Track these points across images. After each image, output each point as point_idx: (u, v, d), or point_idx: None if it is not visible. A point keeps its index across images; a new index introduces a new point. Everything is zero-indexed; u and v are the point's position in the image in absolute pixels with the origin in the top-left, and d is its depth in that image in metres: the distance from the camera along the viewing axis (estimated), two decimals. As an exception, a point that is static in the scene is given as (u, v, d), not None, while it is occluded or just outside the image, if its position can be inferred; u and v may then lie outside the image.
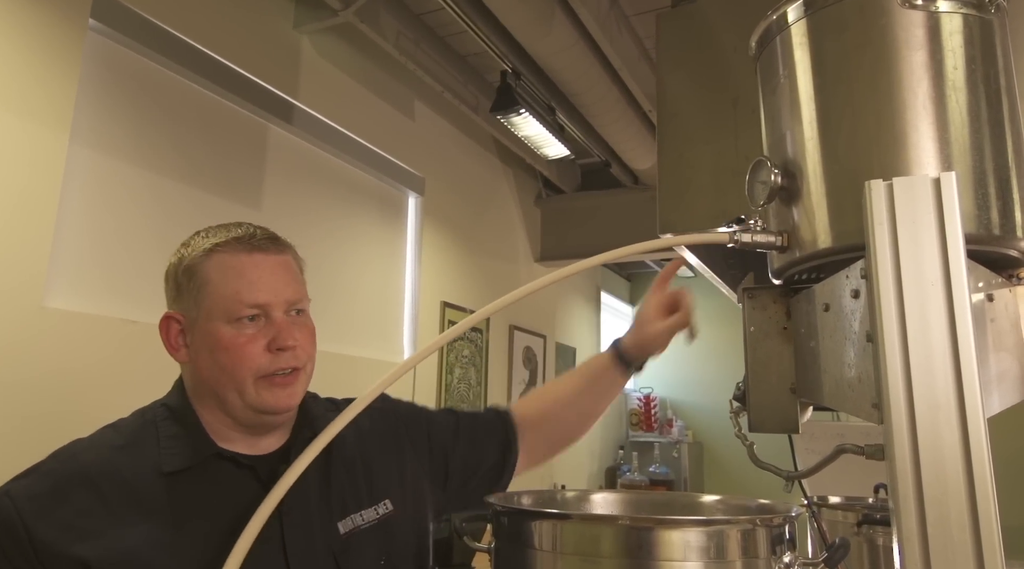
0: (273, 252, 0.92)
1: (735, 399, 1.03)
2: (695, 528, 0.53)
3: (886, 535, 1.30)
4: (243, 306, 0.86)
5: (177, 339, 0.90)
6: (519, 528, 0.59)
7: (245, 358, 0.85)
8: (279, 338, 0.87)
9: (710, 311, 6.32)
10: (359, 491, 0.94)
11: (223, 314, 0.86)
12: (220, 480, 0.85)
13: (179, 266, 0.91)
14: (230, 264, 0.88)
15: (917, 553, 0.54)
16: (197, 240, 0.92)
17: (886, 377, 0.56)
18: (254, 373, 0.85)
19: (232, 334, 0.85)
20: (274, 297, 0.88)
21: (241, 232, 0.92)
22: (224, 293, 0.86)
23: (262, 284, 0.88)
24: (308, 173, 2.70)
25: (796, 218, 0.81)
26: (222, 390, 0.86)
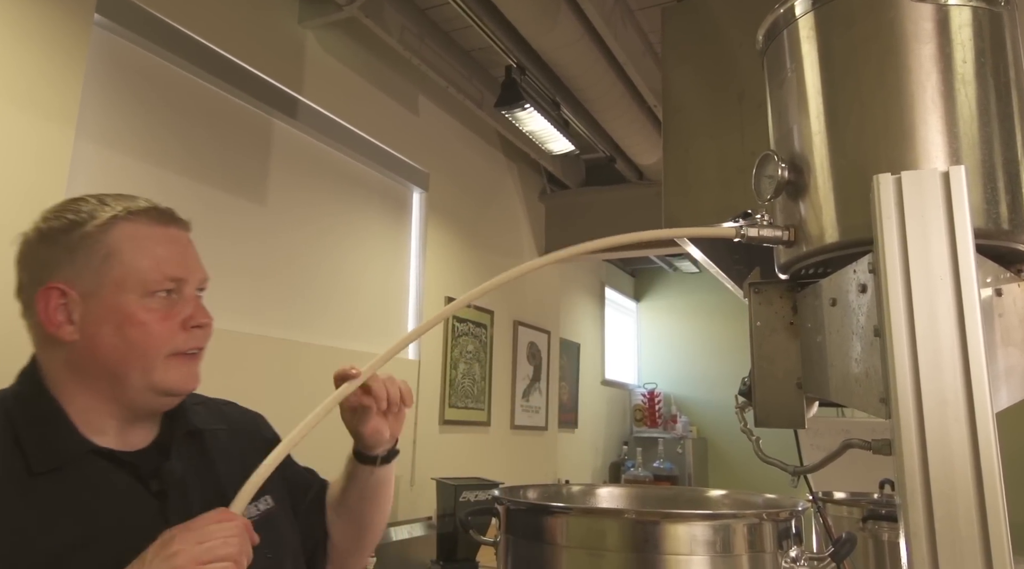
0: (184, 228, 0.89)
1: (740, 394, 1.03)
2: (701, 522, 0.53)
3: (891, 530, 1.30)
4: (163, 279, 0.81)
5: (57, 314, 0.80)
6: (525, 522, 0.59)
7: (161, 334, 0.80)
8: (196, 315, 0.84)
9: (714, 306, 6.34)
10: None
11: (137, 286, 0.80)
12: (96, 478, 0.78)
13: (71, 233, 0.81)
14: (145, 234, 0.83)
15: (924, 549, 0.54)
16: (90, 207, 0.84)
17: (894, 372, 0.56)
18: (168, 350, 0.81)
19: (146, 308, 0.80)
20: (189, 273, 0.85)
21: (148, 204, 0.86)
22: (140, 265, 0.81)
23: (179, 259, 0.85)
24: (313, 168, 2.70)
25: (803, 212, 0.81)
26: (124, 368, 0.79)
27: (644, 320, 6.27)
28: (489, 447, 3.70)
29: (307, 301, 2.57)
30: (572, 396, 4.83)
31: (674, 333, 6.07)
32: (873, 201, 0.62)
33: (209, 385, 1.94)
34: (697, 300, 5.98)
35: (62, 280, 0.81)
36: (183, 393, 0.86)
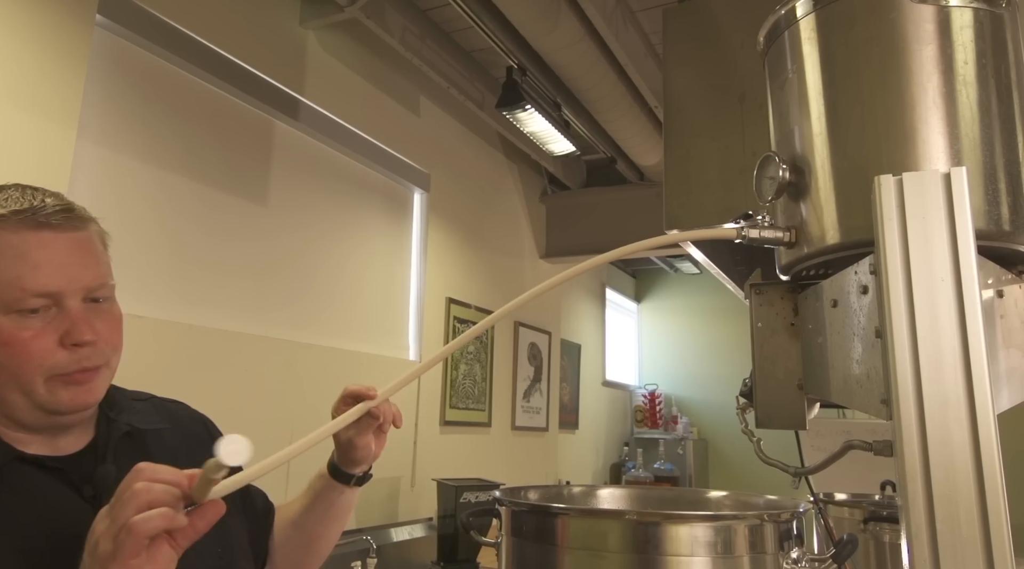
0: (67, 229, 0.76)
1: (742, 395, 1.03)
2: (702, 523, 0.53)
3: (892, 532, 1.30)
4: (26, 295, 0.71)
5: None
6: (526, 522, 0.59)
7: (32, 356, 0.71)
8: (74, 332, 0.73)
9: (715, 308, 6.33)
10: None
11: (3, 304, 0.71)
12: (23, 487, 0.73)
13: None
14: (9, 243, 0.72)
15: (926, 550, 0.54)
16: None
17: (895, 373, 0.56)
18: (45, 372, 0.72)
19: (12, 327, 0.71)
20: (67, 284, 0.73)
21: (24, 203, 0.74)
22: (3, 278, 0.71)
23: (51, 268, 0.72)
24: (314, 169, 2.70)
25: (804, 214, 0.81)
26: (3, 390, 0.73)
27: (645, 321, 6.27)
28: (490, 448, 3.70)
29: (308, 302, 2.57)
30: (573, 397, 4.83)
31: (675, 334, 6.07)
32: (874, 202, 0.62)
33: (209, 385, 1.94)
34: (698, 301, 5.98)
35: None
36: (77, 411, 0.77)
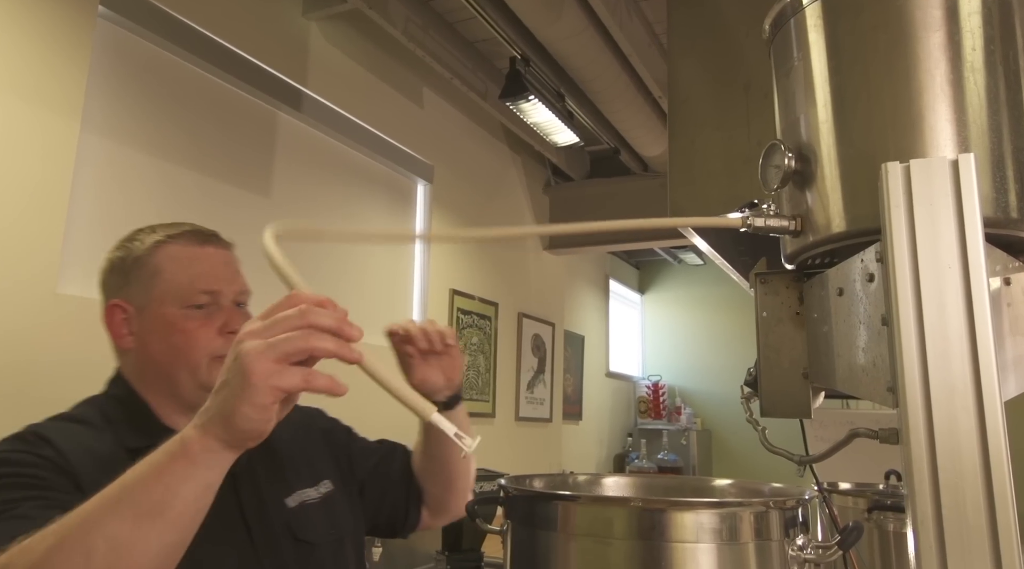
0: (221, 246, 0.99)
1: (746, 385, 1.03)
2: (708, 510, 0.53)
3: (896, 521, 1.30)
4: (197, 292, 0.91)
5: (122, 327, 0.93)
6: (532, 510, 0.59)
7: (199, 340, 0.89)
8: (230, 323, 0.92)
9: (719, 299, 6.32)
10: (300, 470, 0.99)
11: (177, 300, 0.90)
12: None
13: (126, 259, 0.94)
14: (184, 254, 0.94)
15: (932, 538, 0.54)
16: (143, 235, 0.96)
17: (901, 361, 0.56)
18: (208, 354, 0.90)
19: (185, 317, 0.90)
20: (225, 286, 0.94)
21: (190, 228, 0.98)
22: (179, 280, 0.91)
23: (214, 273, 0.94)
24: (317, 160, 2.70)
25: (810, 202, 0.80)
26: (174, 371, 0.89)
27: (648, 312, 6.26)
28: (493, 439, 3.71)
29: (312, 293, 2.57)
30: (576, 388, 4.83)
31: (678, 325, 6.06)
32: (881, 190, 0.61)
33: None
34: (701, 292, 5.98)
35: (121, 298, 0.93)
36: None
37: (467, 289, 3.56)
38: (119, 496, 0.56)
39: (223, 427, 0.57)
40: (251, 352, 0.57)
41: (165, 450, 0.58)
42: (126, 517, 0.54)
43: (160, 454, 0.58)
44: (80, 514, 0.56)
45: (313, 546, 0.93)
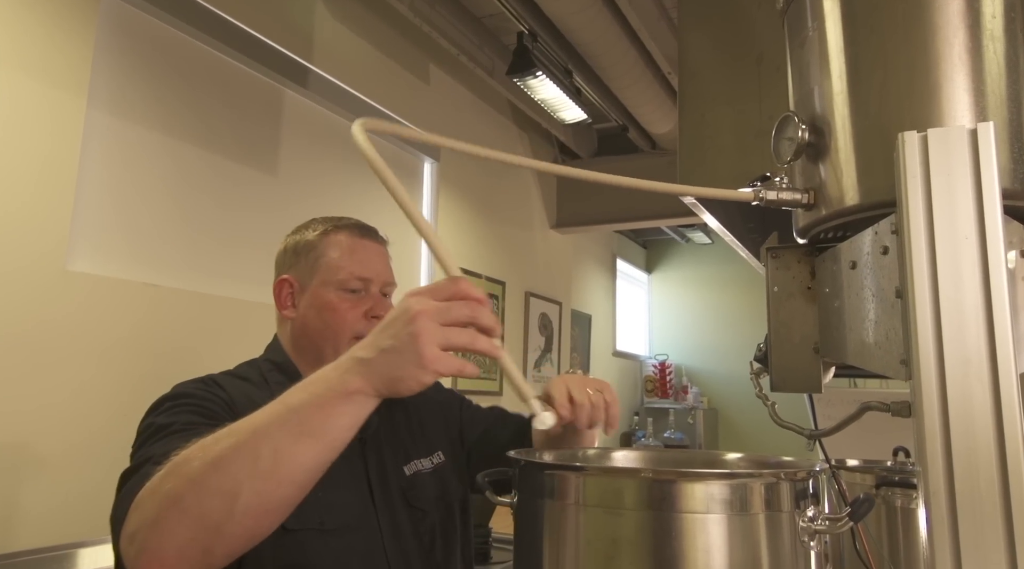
0: (378, 241, 1.12)
1: (756, 360, 1.03)
2: (718, 481, 0.53)
3: (904, 497, 1.30)
4: (353, 278, 1.04)
5: (287, 299, 1.07)
6: (543, 482, 0.60)
7: (347, 320, 1.02)
8: (375, 308, 1.05)
9: (727, 278, 6.29)
10: (417, 441, 1.10)
11: (335, 282, 1.04)
12: None
13: (299, 242, 1.09)
14: (346, 243, 1.07)
15: (944, 511, 0.54)
16: (315, 224, 1.11)
17: (916, 333, 0.55)
18: (352, 334, 1.01)
19: (339, 298, 1.03)
20: (376, 276, 1.07)
21: (355, 222, 1.12)
22: (339, 265, 1.05)
23: (369, 264, 1.07)
24: (324, 138, 2.68)
25: (823, 175, 0.79)
26: (323, 343, 1.03)
27: (655, 291, 6.25)
28: (501, 417, 3.72)
29: (320, 271, 2.57)
30: (583, 367, 4.85)
31: (685, 304, 6.05)
32: (897, 160, 0.61)
33: (221, 353, 1.96)
34: (709, 271, 5.95)
35: (290, 274, 1.08)
36: None
37: (474, 268, 3.56)
38: (286, 415, 0.65)
39: (386, 384, 0.64)
40: (426, 334, 0.63)
41: (327, 384, 0.66)
42: (290, 433, 0.64)
43: (321, 385, 0.66)
44: (251, 424, 0.65)
45: (424, 512, 1.04)
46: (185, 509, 0.63)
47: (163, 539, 0.63)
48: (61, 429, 1.60)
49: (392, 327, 0.66)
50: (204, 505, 0.63)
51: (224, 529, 0.63)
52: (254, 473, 0.63)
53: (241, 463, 0.63)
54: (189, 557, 0.63)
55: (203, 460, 0.64)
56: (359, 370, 0.65)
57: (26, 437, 1.63)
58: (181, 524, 0.63)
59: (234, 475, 0.62)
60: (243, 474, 0.62)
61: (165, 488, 0.65)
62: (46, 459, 1.63)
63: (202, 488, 0.63)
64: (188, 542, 0.62)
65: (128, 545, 0.66)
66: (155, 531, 0.63)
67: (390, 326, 0.66)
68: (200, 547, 0.63)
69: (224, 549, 0.64)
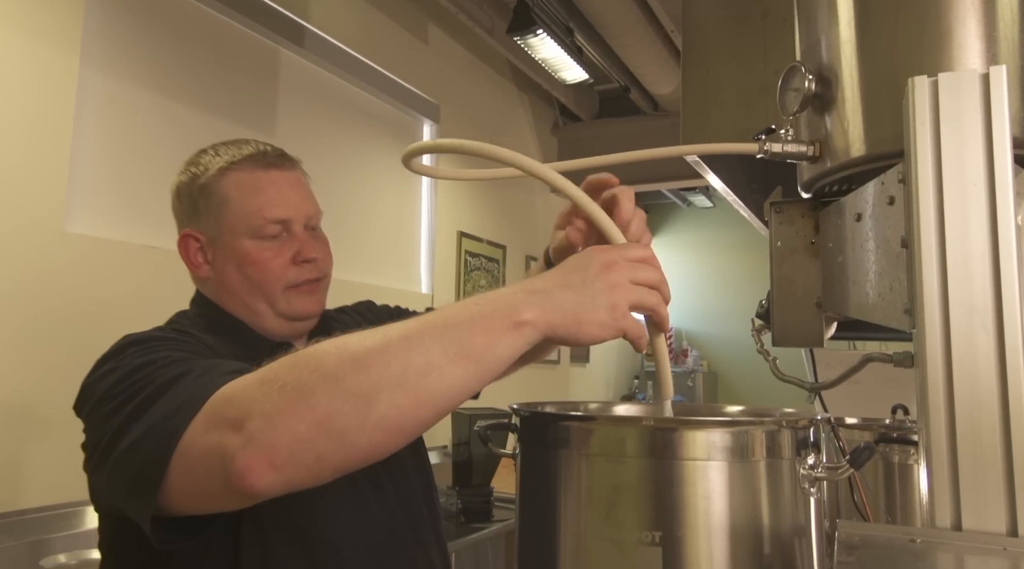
0: (287, 168, 0.95)
1: (758, 317, 1.03)
2: (719, 428, 0.53)
3: (902, 453, 1.31)
4: (267, 222, 0.89)
5: (197, 256, 0.93)
6: (545, 431, 0.60)
7: (273, 271, 0.89)
8: (303, 251, 0.91)
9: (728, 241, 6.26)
10: None
11: (247, 230, 0.89)
12: None
13: (192, 185, 0.92)
14: (248, 181, 0.91)
15: (945, 460, 0.54)
16: (207, 158, 0.93)
17: (921, 281, 0.55)
18: (283, 285, 0.90)
19: (258, 248, 0.89)
20: (295, 213, 0.92)
21: (253, 149, 0.94)
22: (246, 210, 0.89)
23: (282, 200, 0.91)
24: (321, 98, 2.65)
25: (829, 126, 0.78)
26: (252, 301, 0.90)
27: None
28: (502, 380, 3.74)
29: (320, 234, 2.56)
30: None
31: (686, 269, 6.05)
32: (906, 106, 0.59)
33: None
34: (710, 235, 5.94)
35: (194, 228, 0.92)
36: (310, 317, 0.94)
37: (475, 231, 3.54)
38: (443, 329, 0.58)
39: (564, 323, 0.58)
40: (622, 287, 0.59)
41: (494, 306, 0.59)
42: (447, 350, 0.57)
43: (488, 306, 0.59)
44: (402, 330, 0.58)
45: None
46: (313, 405, 0.55)
47: (279, 433, 0.55)
48: (62, 389, 1.60)
49: (581, 271, 0.60)
50: (335, 405, 0.55)
51: (348, 438, 0.55)
52: (399, 383, 0.55)
53: (387, 369, 0.55)
54: (301, 461, 0.56)
55: (341, 355, 0.57)
56: (534, 300, 0.58)
57: (28, 397, 1.64)
58: (303, 421, 0.55)
59: (376, 380, 0.55)
60: (387, 381, 0.55)
61: (288, 378, 0.56)
62: (48, 419, 1.64)
63: (336, 385, 0.55)
64: (305, 443, 0.55)
65: (226, 432, 0.57)
66: (271, 423, 0.55)
67: (578, 269, 0.60)
68: (316, 452, 0.56)
69: (339, 460, 0.57)
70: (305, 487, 0.57)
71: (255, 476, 0.55)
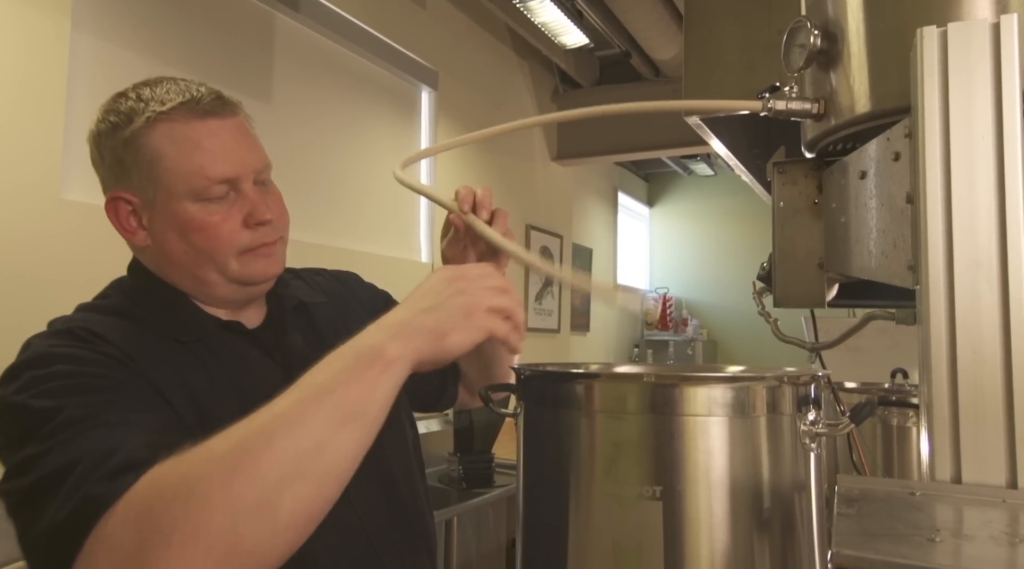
0: (227, 115, 0.80)
1: (759, 279, 1.02)
2: (720, 384, 0.53)
3: (901, 416, 1.31)
4: (211, 182, 0.76)
5: (130, 221, 0.79)
6: (546, 390, 0.60)
7: (223, 238, 0.77)
8: (256, 212, 0.79)
9: (728, 210, 6.22)
10: None
11: (188, 192, 0.76)
12: (227, 351, 0.80)
13: (115, 138, 0.77)
14: (183, 134, 0.76)
15: (946, 415, 0.54)
16: (129, 104, 0.77)
17: (926, 236, 0.54)
18: (235, 250, 0.78)
19: (203, 213, 0.77)
20: (242, 168, 0.78)
21: (184, 96, 0.78)
22: (185, 169, 0.76)
23: (225, 155, 0.77)
24: (318, 65, 2.61)
25: (834, 83, 0.77)
26: (200, 270, 0.79)
27: (657, 225, 6.22)
28: (502, 349, 3.76)
29: (316, 202, 2.55)
30: (584, 300, 4.87)
31: (687, 237, 6.03)
32: (914, 57, 0.58)
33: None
34: (711, 204, 5.91)
35: (123, 189, 0.78)
36: (268, 280, 0.84)
37: (474, 200, 3.52)
38: (317, 399, 0.55)
39: (430, 345, 0.58)
40: (473, 291, 0.59)
41: (355, 354, 0.57)
42: (330, 419, 0.54)
43: (351, 359, 0.57)
44: (272, 414, 0.54)
45: None
46: (212, 544, 0.49)
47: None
48: (66, 357, 1.61)
49: (432, 290, 0.60)
50: (237, 532, 0.50)
51: (263, 550, 0.51)
52: (297, 474, 0.52)
53: (279, 465, 0.51)
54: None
55: (219, 471, 0.51)
56: (395, 332, 0.57)
57: (32, 365, 1.64)
58: (211, 558, 0.49)
59: (274, 482, 0.51)
60: (284, 478, 0.51)
61: (177, 516, 0.50)
62: (53, 386, 1.64)
63: (231, 511, 0.50)
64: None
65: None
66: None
67: (428, 290, 0.60)
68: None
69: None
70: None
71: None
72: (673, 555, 0.51)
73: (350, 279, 1.06)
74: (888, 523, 0.47)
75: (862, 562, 0.38)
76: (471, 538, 2.34)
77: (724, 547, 0.52)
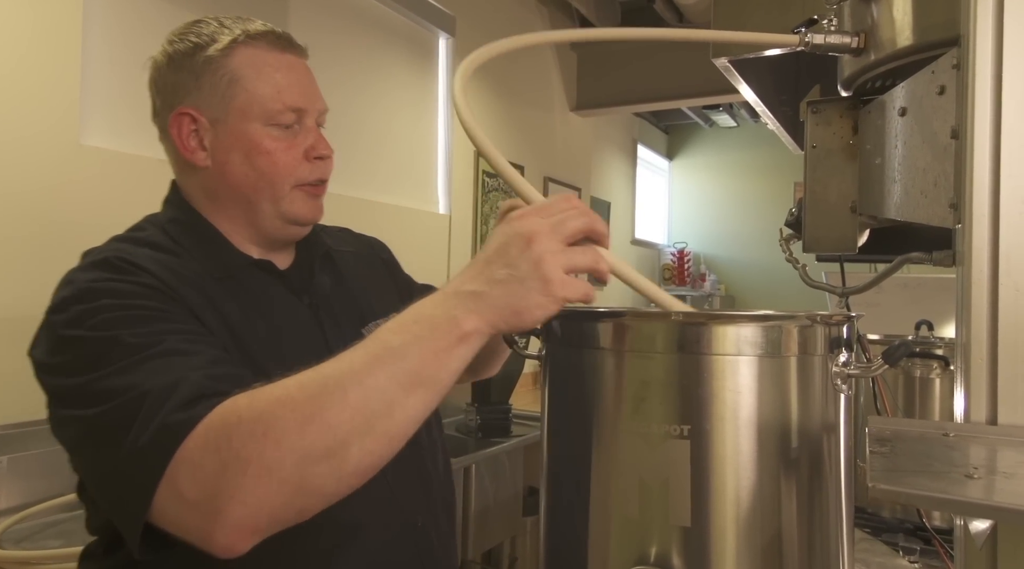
0: (301, 55, 0.86)
1: (787, 225, 1.00)
2: (749, 323, 0.52)
3: (924, 367, 1.30)
4: (285, 108, 0.80)
5: (190, 140, 0.81)
6: (572, 331, 0.59)
7: (286, 164, 0.80)
8: (317, 146, 0.83)
9: (750, 163, 6.12)
10: (371, 302, 0.93)
11: (261, 114, 0.79)
12: (257, 288, 0.82)
13: (195, 57, 0.80)
14: (264, 60, 0.81)
15: (984, 353, 0.53)
16: (211, 28, 0.82)
17: (971, 171, 0.52)
18: (293, 181, 0.81)
19: (272, 138, 0.80)
20: (310, 103, 0.83)
21: (264, 27, 0.83)
22: (262, 92, 0.79)
23: (300, 88, 0.82)
24: (334, 10, 2.55)
25: (875, 15, 0.73)
26: (256, 195, 0.81)
27: (677, 179, 6.13)
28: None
29: (335, 152, 2.52)
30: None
31: (707, 192, 5.95)
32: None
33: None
34: (732, 157, 5.80)
35: (191, 105, 0.80)
36: (310, 222, 0.87)
37: (492, 151, 3.47)
38: (390, 361, 0.56)
39: (506, 319, 0.56)
40: (550, 258, 0.55)
41: (432, 324, 0.57)
42: (402, 382, 0.56)
43: (425, 326, 0.57)
44: (347, 368, 0.57)
45: None
46: (286, 478, 0.54)
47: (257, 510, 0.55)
48: (90, 303, 1.63)
49: (505, 254, 0.57)
50: (306, 473, 0.54)
51: (328, 491, 0.56)
52: (366, 430, 0.55)
53: (350, 421, 0.54)
54: (283, 519, 0.56)
55: (295, 417, 0.55)
56: (472, 307, 0.56)
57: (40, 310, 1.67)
58: (281, 494, 0.54)
59: (343, 436, 0.54)
60: (353, 433, 0.55)
61: (251, 454, 0.54)
62: (79, 331, 1.67)
63: (306, 453, 0.54)
64: (285, 508, 0.55)
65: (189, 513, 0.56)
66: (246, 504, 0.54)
67: (501, 254, 0.57)
68: (297, 509, 0.56)
69: (321, 507, 0.57)
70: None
71: (237, 547, 0.56)
72: (700, 494, 0.51)
73: (374, 242, 1.09)
74: (923, 461, 0.46)
75: (899, 496, 0.38)
76: (488, 485, 2.38)
77: (751, 486, 0.51)
